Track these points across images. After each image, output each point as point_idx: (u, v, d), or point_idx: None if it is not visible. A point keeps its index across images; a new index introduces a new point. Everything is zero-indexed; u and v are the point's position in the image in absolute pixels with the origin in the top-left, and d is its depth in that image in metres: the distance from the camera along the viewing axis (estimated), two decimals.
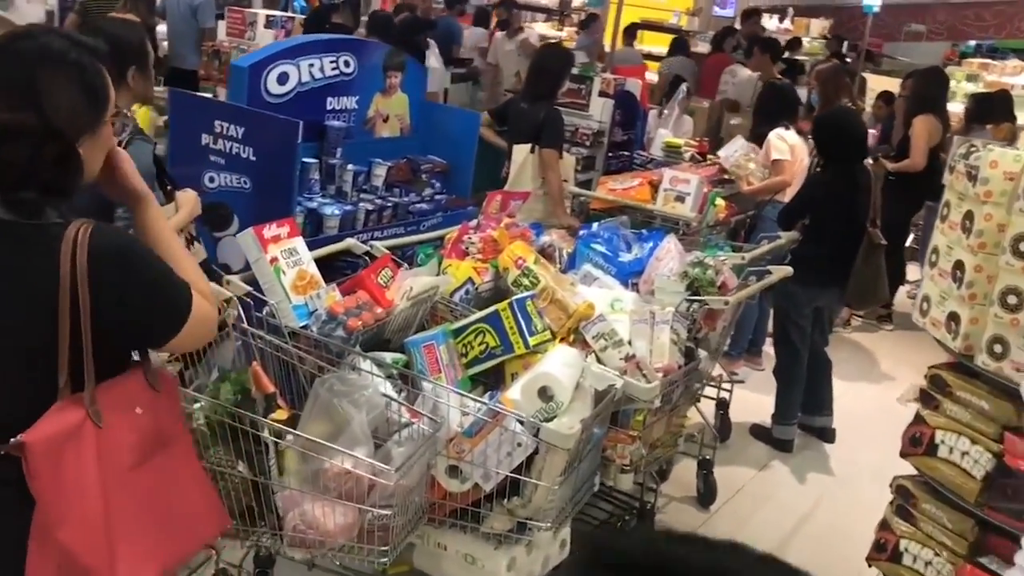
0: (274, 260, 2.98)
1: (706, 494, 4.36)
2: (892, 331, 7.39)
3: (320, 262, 3.23)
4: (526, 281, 3.48)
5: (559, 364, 2.96)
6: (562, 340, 3.31)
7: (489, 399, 3.05)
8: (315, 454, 2.61)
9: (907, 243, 7.62)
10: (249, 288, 2.95)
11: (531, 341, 3.14)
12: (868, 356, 6.74)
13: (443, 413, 2.89)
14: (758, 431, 5.17)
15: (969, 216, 2.91)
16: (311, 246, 3.22)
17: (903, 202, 6.63)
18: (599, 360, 3.36)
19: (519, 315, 3.16)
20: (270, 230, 3.00)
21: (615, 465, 3.34)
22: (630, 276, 3.93)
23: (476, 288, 3.53)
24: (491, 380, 3.25)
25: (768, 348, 6.08)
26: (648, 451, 3.43)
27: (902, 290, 7.66)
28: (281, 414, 2.74)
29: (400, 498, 2.61)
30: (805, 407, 5.12)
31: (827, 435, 5.25)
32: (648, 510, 3.80)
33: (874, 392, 5.96)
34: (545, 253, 3.80)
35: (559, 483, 2.87)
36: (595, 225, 4.22)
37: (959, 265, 2.89)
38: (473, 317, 3.24)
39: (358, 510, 2.60)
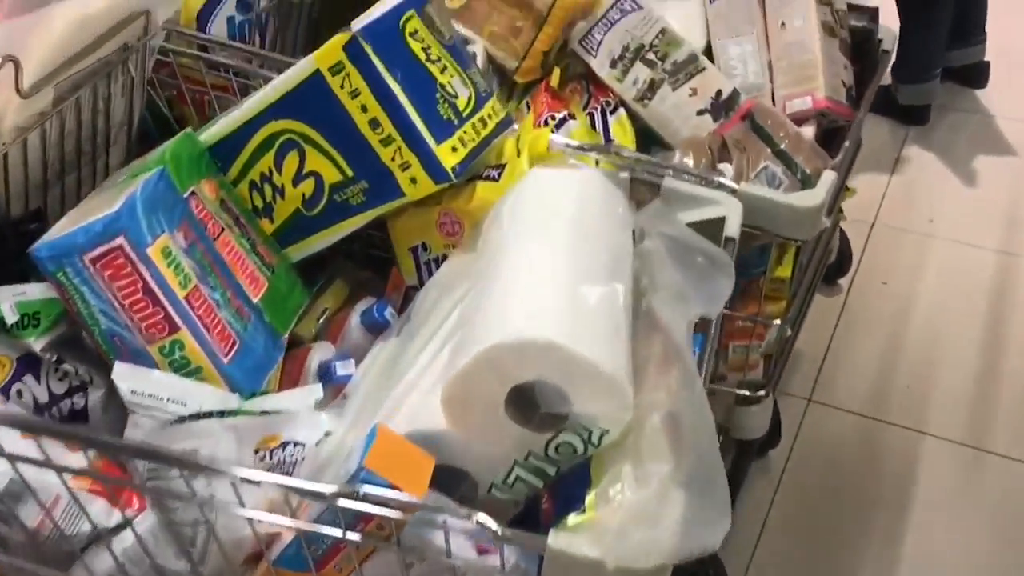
0: None
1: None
2: None
3: None
4: None
5: (564, 300, 0.79)
6: (538, 113, 1.14)
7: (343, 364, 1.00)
8: None
9: None
10: None
11: (446, 159, 0.98)
12: None
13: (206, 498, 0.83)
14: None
15: None
16: None
17: None
18: (632, 114, 1.20)
19: (386, 65, 0.97)
20: None
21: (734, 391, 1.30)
22: None
23: None
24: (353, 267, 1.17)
25: None
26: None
27: None
28: None
29: None
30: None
31: (977, 76, 3.13)
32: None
33: None
34: None
35: None
36: None
37: None
38: (253, 102, 1.04)
39: None
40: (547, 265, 0.80)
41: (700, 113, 1.23)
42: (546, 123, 1.25)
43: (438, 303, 0.96)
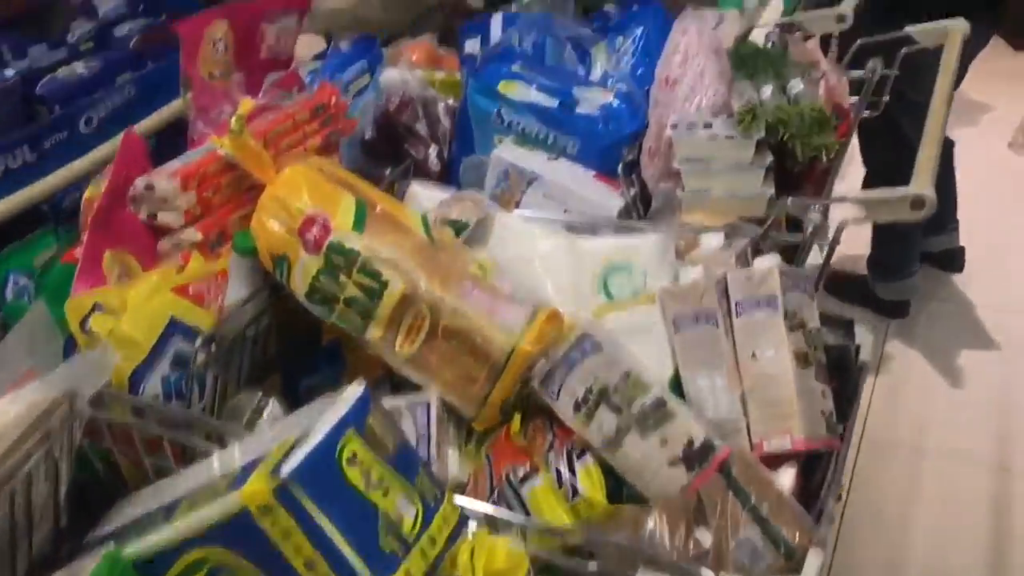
0: None
1: None
2: None
3: None
4: (349, 288, 1.15)
5: None
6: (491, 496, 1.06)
7: None
8: None
9: None
10: None
11: None
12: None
13: None
14: (849, 287, 2.96)
15: None
16: None
17: None
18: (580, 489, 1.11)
19: (319, 506, 0.87)
20: None
21: None
22: (608, 140, 1.59)
23: (205, 341, 1.19)
24: None
25: None
26: None
27: None
28: None
29: None
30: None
31: (953, 261, 3.11)
32: None
33: (985, 154, 3.62)
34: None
35: None
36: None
37: None
38: (175, 530, 0.94)
39: None
40: None
41: (672, 464, 1.14)
42: (508, 479, 1.16)
43: None
